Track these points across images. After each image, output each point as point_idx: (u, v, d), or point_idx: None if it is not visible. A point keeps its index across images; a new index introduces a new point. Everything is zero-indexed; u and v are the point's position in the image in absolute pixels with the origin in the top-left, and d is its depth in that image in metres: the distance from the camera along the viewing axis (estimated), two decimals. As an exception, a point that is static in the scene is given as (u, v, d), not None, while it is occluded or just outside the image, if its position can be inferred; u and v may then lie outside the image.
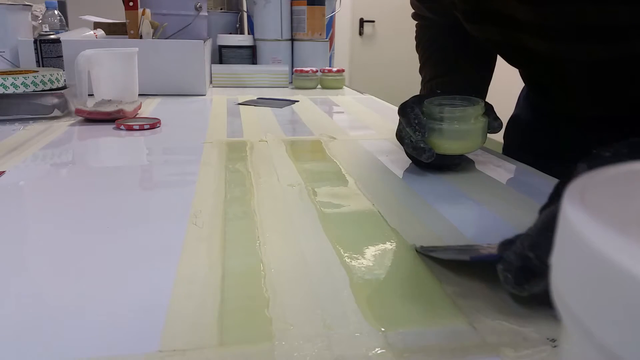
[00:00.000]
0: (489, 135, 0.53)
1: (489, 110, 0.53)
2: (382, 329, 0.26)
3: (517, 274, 0.27)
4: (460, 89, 0.56)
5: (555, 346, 0.25)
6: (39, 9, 1.39)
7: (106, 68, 0.89)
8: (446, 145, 0.50)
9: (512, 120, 0.77)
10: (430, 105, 0.51)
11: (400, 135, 0.54)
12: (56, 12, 1.30)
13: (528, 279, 0.26)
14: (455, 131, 0.50)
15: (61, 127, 0.75)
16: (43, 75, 0.80)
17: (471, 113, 0.50)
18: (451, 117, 0.50)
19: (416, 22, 0.73)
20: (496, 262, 0.28)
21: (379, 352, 0.24)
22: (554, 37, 0.49)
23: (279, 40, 1.32)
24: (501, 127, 0.53)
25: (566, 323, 0.11)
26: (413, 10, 0.72)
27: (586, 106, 0.58)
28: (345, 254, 0.34)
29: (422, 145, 0.50)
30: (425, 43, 0.68)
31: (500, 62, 0.66)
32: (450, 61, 0.64)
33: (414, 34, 0.73)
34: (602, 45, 0.46)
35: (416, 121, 0.50)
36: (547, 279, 0.19)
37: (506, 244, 0.29)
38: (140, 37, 1.12)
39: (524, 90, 0.76)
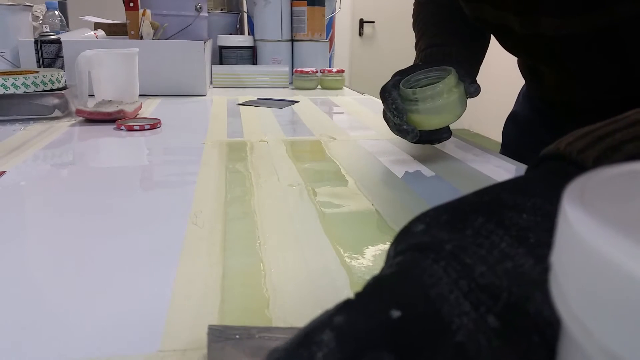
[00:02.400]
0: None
1: (465, 76, 0.53)
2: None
3: None
4: (450, 58, 0.57)
5: (555, 346, 0.25)
6: (40, 9, 1.39)
7: (107, 68, 0.89)
8: (426, 122, 0.53)
9: (511, 116, 0.77)
10: (405, 89, 0.53)
11: (385, 118, 0.57)
12: (57, 12, 1.30)
13: None
14: (431, 108, 0.52)
15: (62, 127, 0.75)
16: (44, 76, 0.81)
17: (442, 88, 0.51)
18: (424, 97, 0.52)
19: (415, 0, 0.73)
20: None
21: (379, 352, 0.24)
22: (538, 10, 0.49)
23: (279, 40, 1.32)
24: (479, 91, 0.53)
25: (566, 323, 0.11)
26: (413, 8, 0.73)
27: (578, 91, 0.59)
28: (345, 254, 0.34)
29: (404, 127, 0.52)
30: (422, 19, 0.69)
31: (500, 61, 0.66)
32: (443, 33, 0.64)
33: (413, 36, 0.73)
34: (580, 16, 0.47)
35: (393, 106, 0.52)
36: None
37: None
38: (141, 38, 1.12)
39: (523, 87, 0.76)
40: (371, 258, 0.34)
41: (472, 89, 0.53)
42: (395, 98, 0.53)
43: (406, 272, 0.16)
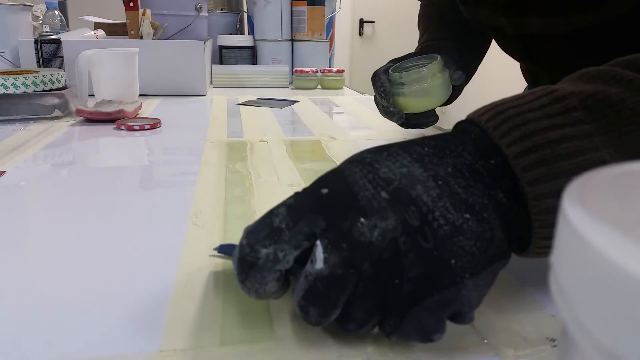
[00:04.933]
0: None
1: (450, 63, 0.57)
2: (383, 329, 0.26)
3: (237, 268, 0.24)
4: (441, 50, 0.60)
5: (554, 346, 0.25)
6: (40, 9, 1.39)
7: (107, 68, 0.89)
8: (412, 104, 0.57)
9: None
10: (393, 73, 0.57)
11: (376, 102, 0.61)
12: (57, 12, 1.30)
13: (247, 272, 0.23)
14: (416, 91, 0.56)
15: (62, 127, 0.75)
16: (43, 76, 0.80)
17: (426, 73, 0.55)
18: (410, 80, 0.56)
19: (420, 1, 0.76)
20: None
21: (379, 352, 0.24)
22: (531, 10, 0.51)
23: (279, 40, 1.32)
24: (462, 78, 0.57)
25: (565, 322, 0.11)
26: (419, 9, 0.75)
27: None
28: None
29: (391, 109, 0.57)
30: (426, 18, 0.72)
31: (502, 64, 0.67)
32: (443, 30, 0.67)
33: (415, 36, 0.75)
34: (570, 16, 0.48)
35: (382, 89, 0.57)
36: (269, 272, 0.23)
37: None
38: (141, 38, 1.12)
39: (525, 90, 0.76)
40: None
41: (456, 76, 0.57)
42: (384, 82, 0.57)
43: (334, 170, 0.25)
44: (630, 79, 0.25)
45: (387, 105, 0.57)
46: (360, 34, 4.11)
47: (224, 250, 0.34)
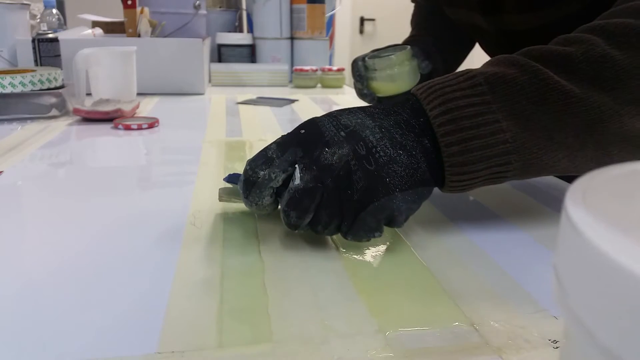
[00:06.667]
0: None
1: (419, 54, 0.65)
2: (383, 330, 0.26)
3: (242, 187, 0.34)
4: (419, 44, 0.67)
5: (556, 347, 0.25)
6: (37, 7, 1.38)
7: (104, 67, 0.89)
8: (382, 88, 0.64)
9: None
10: (368, 60, 0.64)
11: (354, 85, 0.68)
12: (54, 11, 1.30)
13: (250, 189, 0.34)
14: (386, 76, 0.64)
15: (59, 126, 0.75)
16: (41, 75, 0.80)
17: (395, 60, 0.63)
18: (380, 67, 0.63)
19: (413, 2, 0.82)
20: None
21: (379, 353, 0.24)
22: (503, 8, 0.56)
23: (278, 38, 1.31)
24: (429, 68, 0.65)
25: (568, 323, 0.11)
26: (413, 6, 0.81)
27: None
28: (346, 254, 0.34)
29: (364, 91, 0.66)
30: (417, 17, 0.79)
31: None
32: (429, 27, 0.74)
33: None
34: (542, 10, 0.53)
35: (357, 74, 0.66)
36: (265, 188, 0.33)
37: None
38: (139, 36, 1.11)
39: None
40: (371, 258, 0.34)
41: (423, 65, 0.65)
42: (360, 67, 0.65)
43: (310, 119, 0.35)
44: (522, 63, 0.33)
45: (362, 88, 0.66)
46: (361, 32, 4.10)
47: (231, 179, 0.40)
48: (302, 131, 0.34)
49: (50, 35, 0.94)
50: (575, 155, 0.33)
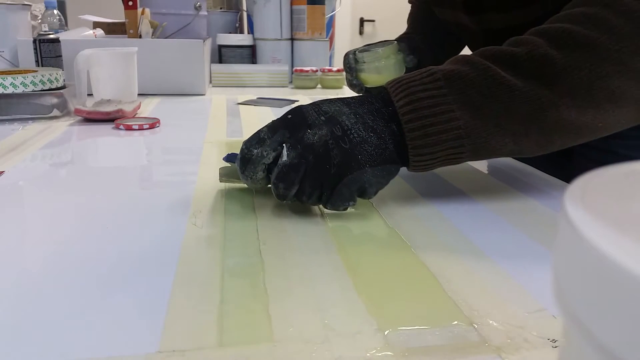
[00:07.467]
0: None
1: (405, 49, 0.69)
2: (382, 329, 0.26)
3: (239, 164, 0.40)
4: (407, 41, 0.71)
5: (555, 346, 0.25)
6: (38, 8, 1.38)
7: (105, 68, 0.89)
8: (370, 79, 0.69)
9: None
10: (358, 53, 0.69)
11: (345, 77, 0.74)
12: (55, 11, 1.30)
13: (245, 165, 0.40)
14: (373, 68, 0.69)
15: (60, 127, 0.75)
16: (42, 75, 0.80)
17: (381, 54, 0.68)
18: (369, 59, 0.68)
19: (410, 3, 0.85)
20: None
21: (378, 352, 0.24)
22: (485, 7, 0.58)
23: (278, 39, 1.31)
24: (414, 62, 0.69)
25: (567, 323, 0.11)
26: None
27: None
28: (345, 254, 0.34)
29: (354, 82, 0.71)
30: (411, 16, 0.82)
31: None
32: (422, 27, 0.77)
33: None
34: (524, 9, 0.55)
35: (348, 66, 0.71)
36: (258, 164, 0.39)
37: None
38: (140, 37, 1.11)
39: None
40: (371, 258, 0.34)
41: (408, 59, 0.70)
42: (350, 60, 0.71)
43: (296, 107, 0.41)
44: (476, 61, 0.39)
45: (351, 79, 0.71)
46: (361, 33, 4.10)
47: (230, 158, 0.45)
48: (289, 116, 0.40)
49: (52, 36, 0.94)
50: (521, 140, 0.38)
